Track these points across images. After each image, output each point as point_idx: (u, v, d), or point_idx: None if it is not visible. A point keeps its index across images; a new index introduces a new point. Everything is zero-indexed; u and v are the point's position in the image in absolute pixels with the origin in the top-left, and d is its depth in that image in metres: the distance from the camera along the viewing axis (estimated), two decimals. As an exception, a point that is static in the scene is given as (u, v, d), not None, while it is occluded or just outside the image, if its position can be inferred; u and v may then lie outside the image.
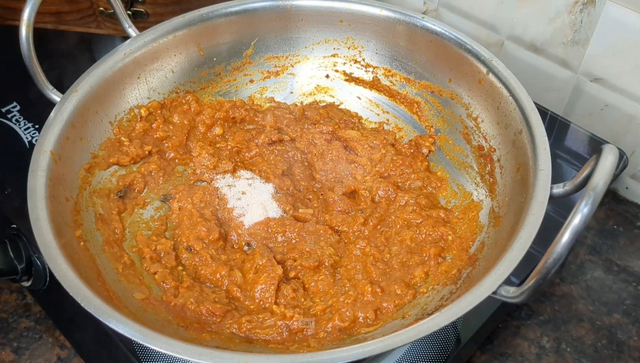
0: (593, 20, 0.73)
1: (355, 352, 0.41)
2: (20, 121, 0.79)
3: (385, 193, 0.63)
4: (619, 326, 0.68)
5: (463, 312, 0.42)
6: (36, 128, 0.78)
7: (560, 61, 0.80)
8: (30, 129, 0.78)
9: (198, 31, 0.68)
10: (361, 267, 0.57)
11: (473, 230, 0.57)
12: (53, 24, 0.83)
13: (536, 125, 0.53)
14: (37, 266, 0.67)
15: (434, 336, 0.60)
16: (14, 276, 0.67)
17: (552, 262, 0.40)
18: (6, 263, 0.67)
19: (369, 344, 0.41)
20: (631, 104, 0.75)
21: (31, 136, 0.77)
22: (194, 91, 0.70)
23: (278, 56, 0.73)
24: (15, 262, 0.67)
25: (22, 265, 0.67)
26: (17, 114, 0.80)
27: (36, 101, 0.81)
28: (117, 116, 0.64)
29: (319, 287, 0.55)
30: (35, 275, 0.68)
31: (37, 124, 0.78)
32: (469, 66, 0.63)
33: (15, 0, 0.78)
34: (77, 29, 0.81)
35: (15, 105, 0.81)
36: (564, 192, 0.49)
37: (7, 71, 0.87)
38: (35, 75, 0.59)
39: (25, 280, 0.69)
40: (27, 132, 0.77)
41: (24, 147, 0.75)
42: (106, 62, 0.62)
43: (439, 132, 0.68)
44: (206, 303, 0.52)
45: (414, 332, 0.41)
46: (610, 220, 0.79)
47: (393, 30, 0.68)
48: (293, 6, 0.69)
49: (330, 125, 0.69)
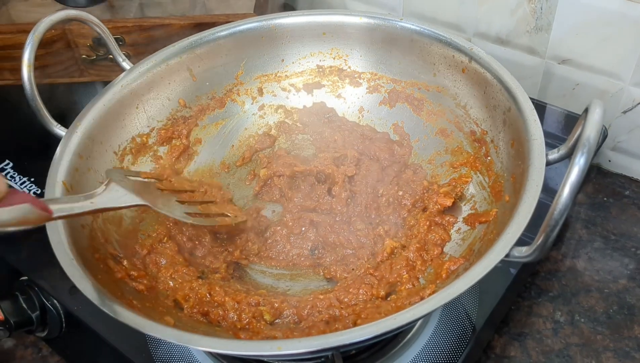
0: (552, 5, 0.77)
1: (384, 324, 0.42)
2: (15, 176, 0.81)
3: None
4: (626, 291, 0.71)
5: (480, 276, 0.44)
6: (32, 181, 0.80)
7: (527, 49, 0.84)
8: (27, 182, 0.80)
9: (189, 58, 0.71)
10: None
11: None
12: (37, 78, 0.85)
13: (523, 100, 0.56)
14: (51, 313, 0.68)
15: (450, 326, 0.62)
16: (29, 327, 0.68)
17: (558, 214, 0.42)
18: (20, 315, 0.67)
19: (396, 315, 0.43)
20: (601, 79, 0.79)
21: (28, 190, 0.79)
22: (190, 117, 0.73)
23: (267, 73, 0.75)
24: (29, 312, 0.68)
25: (36, 313, 0.68)
26: (12, 171, 0.82)
27: (28, 156, 0.83)
28: (120, 145, 0.66)
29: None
30: (51, 323, 0.68)
31: (33, 177, 0.80)
32: (451, 58, 0.66)
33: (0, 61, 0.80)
34: (61, 80, 0.84)
35: (8, 162, 0.83)
36: (560, 156, 0.51)
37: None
38: (39, 112, 0.61)
39: (40, 330, 0.69)
40: (23, 187, 0.79)
41: None
42: (105, 95, 0.65)
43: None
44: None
45: (436, 299, 0.43)
46: (600, 194, 0.82)
47: (374, 35, 0.71)
48: (277, 25, 0.73)
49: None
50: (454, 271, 0.54)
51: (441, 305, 0.43)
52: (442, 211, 0.62)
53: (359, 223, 0.64)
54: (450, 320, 0.62)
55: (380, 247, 0.61)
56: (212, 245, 0.63)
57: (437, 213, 0.62)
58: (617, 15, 0.73)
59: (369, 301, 0.55)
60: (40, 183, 0.80)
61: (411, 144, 0.71)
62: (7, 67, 0.82)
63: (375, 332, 0.42)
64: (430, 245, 0.59)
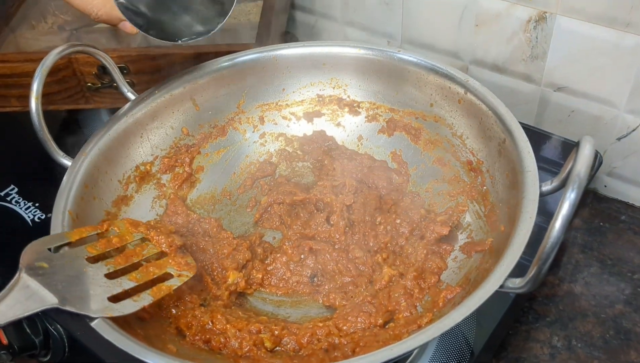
0: (547, 34, 0.79)
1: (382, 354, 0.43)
2: (20, 201, 0.82)
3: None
4: (622, 316, 0.72)
5: (476, 306, 0.45)
6: (36, 206, 0.81)
7: (523, 76, 0.86)
8: (31, 208, 0.81)
9: (192, 88, 0.73)
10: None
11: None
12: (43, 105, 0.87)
13: (517, 132, 0.58)
14: (54, 337, 0.69)
15: (449, 350, 0.63)
16: (32, 351, 0.69)
17: (550, 248, 0.43)
18: (24, 339, 0.68)
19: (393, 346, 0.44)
20: (596, 106, 0.81)
21: (33, 215, 0.80)
22: (193, 145, 0.74)
23: (268, 103, 0.77)
24: (33, 337, 0.69)
25: (39, 338, 0.69)
26: (16, 196, 0.83)
27: (33, 182, 0.85)
28: (124, 174, 0.68)
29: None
30: (54, 347, 0.69)
31: (37, 202, 0.82)
32: (447, 89, 0.68)
33: (4, 88, 0.82)
34: (66, 107, 0.85)
35: (13, 187, 0.85)
36: (552, 188, 0.53)
37: (2, 156, 0.92)
38: (46, 143, 0.63)
39: (43, 355, 0.70)
40: (28, 212, 0.81)
41: (27, 225, 0.79)
42: (110, 125, 0.66)
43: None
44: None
45: (433, 330, 0.44)
46: (596, 218, 0.83)
47: (372, 66, 0.73)
48: (278, 56, 0.75)
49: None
50: (451, 300, 0.55)
51: (437, 336, 0.44)
52: (439, 239, 0.63)
53: (357, 251, 0.65)
54: (449, 344, 0.64)
55: (378, 275, 0.62)
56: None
57: (434, 241, 0.63)
58: (611, 45, 0.75)
59: (367, 330, 0.56)
60: (44, 208, 0.81)
61: (409, 173, 0.73)
62: (14, 95, 0.84)
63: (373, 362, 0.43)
64: (427, 273, 0.61)
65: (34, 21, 0.92)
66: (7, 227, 0.79)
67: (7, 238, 0.77)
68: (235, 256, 0.65)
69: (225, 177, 0.76)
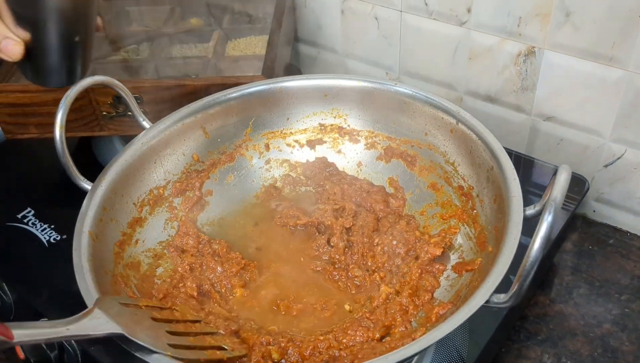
0: (536, 68, 0.84)
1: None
2: (37, 224, 0.87)
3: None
4: (610, 335, 0.75)
5: (463, 319, 0.49)
6: (52, 228, 0.86)
7: (514, 106, 0.91)
8: (47, 229, 0.85)
9: (203, 117, 0.78)
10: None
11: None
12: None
13: (504, 160, 0.63)
14: (69, 353, 0.72)
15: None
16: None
17: (529, 266, 0.48)
18: (39, 354, 0.72)
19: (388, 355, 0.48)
20: (583, 135, 0.86)
21: (49, 236, 0.84)
22: (203, 171, 0.79)
23: (274, 130, 0.82)
24: (48, 352, 0.72)
25: (54, 353, 0.72)
26: (33, 218, 0.87)
27: (48, 205, 0.89)
28: (139, 197, 0.72)
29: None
30: (68, 362, 0.73)
31: (53, 224, 0.86)
32: (440, 120, 0.73)
33: (23, 116, 0.86)
34: (82, 134, 0.90)
35: (30, 210, 0.89)
36: (535, 212, 0.57)
37: (19, 179, 0.97)
38: (68, 169, 0.67)
39: (58, 370, 0.74)
40: (44, 233, 0.85)
41: (43, 246, 0.83)
42: (127, 152, 0.71)
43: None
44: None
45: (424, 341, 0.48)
46: (585, 242, 0.87)
47: (371, 98, 0.78)
48: (284, 87, 0.80)
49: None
50: (443, 315, 0.59)
51: (426, 347, 0.48)
52: (432, 259, 0.67)
53: (356, 270, 0.69)
54: (443, 359, 0.67)
55: (376, 292, 0.66)
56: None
57: (428, 261, 0.67)
58: (596, 78, 0.80)
59: (365, 343, 0.60)
60: (59, 229, 0.85)
61: (405, 197, 0.77)
62: (33, 123, 0.88)
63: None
64: (421, 291, 0.64)
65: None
66: (24, 247, 0.83)
67: (24, 258, 0.82)
68: (242, 275, 0.69)
69: (233, 200, 0.80)
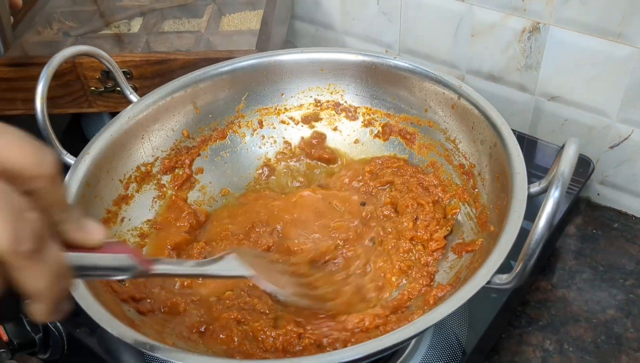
0: (541, 45, 0.81)
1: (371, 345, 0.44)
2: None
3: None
4: (614, 321, 0.72)
5: (463, 301, 0.46)
6: (38, 203, 0.83)
7: (518, 86, 0.87)
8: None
9: (193, 92, 0.74)
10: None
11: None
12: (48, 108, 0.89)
13: (508, 136, 0.60)
14: (54, 335, 0.70)
15: (441, 351, 0.64)
16: (32, 349, 0.70)
17: (534, 244, 0.45)
18: (24, 336, 0.69)
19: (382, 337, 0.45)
20: (588, 116, 0.82)
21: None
22: (193, 147, 0.76)
23: (267, 107, 0.79)
24: (32, 334, 0.70)
25: (39, 335, 0.70)
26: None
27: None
28: (125, 174, 0.69)
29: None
30: (53, 345, 0.70)
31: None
32: (441, 95, 0.70)
33: (9, 92, 0.84)
34: (71, 110, 0.87)
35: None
36: (541, 189, 0.54)
37: None
38: (50, 142, 0.64)
39: (43, 352, 0.71)
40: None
41: None
42: (113, 126, 0.68)
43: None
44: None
45: (421, 323, 0.45)
46: (589, 226, 0.84)
47: (369, 72, 0.75)
48: (278, 61, 0.77)
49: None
50: (441, 298, 0.57)
51: (423, 329, 0.45)
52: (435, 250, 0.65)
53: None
54: (441, 344, 0.65)
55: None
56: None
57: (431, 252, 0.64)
58: (602, 55, 0.77)
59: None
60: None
61: (404, 176, 0.74)
62: (20, 98, 0.86)
63: (364, 352, 0.44)
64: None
65: (40, 27, 0.94)
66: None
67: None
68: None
69: (225, 179, 0.77)
